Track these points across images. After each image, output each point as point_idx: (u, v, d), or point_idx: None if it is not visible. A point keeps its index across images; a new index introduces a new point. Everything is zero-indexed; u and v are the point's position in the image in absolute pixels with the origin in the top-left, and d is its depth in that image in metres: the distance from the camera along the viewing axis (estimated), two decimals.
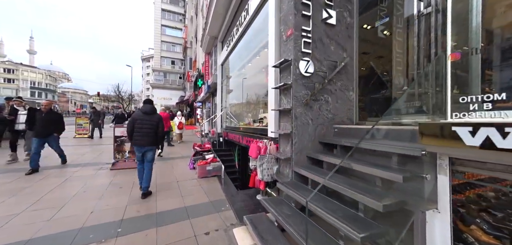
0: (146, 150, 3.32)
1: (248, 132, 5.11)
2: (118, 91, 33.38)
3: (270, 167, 3.13)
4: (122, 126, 4.96)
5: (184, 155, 6.66)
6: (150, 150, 3.36)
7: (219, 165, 4.61)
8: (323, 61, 3.01)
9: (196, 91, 18.18)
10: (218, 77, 9.34)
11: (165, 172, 4.76)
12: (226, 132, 7.35)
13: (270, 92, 3.52)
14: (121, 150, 4.88)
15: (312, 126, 2.92)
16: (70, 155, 5.99)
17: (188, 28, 23.71)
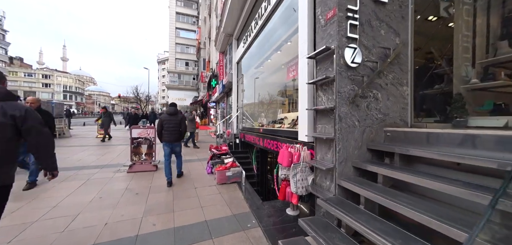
0: (174, 146, 4.08)
1: (270, 135, 4.65)
2: (136, 92, 34.76)
3: (304, 177, 2.63)
4: (139, 127, 4.75)
5: (201, 158, 6.38)
6: (177, 145, 4.15)
7: (239, 170, 4.20)
8: (371, 49, 2.45)
9: (209, 91, 18.14)
10: (233, 76, 9.00)
11: (182, 177, 4.46)
12: (243, 133, 6.96)
13: (301, 88, 3.02)
14: (138, 152, 4.67)
15: (359, 129, 2.38)
16: (91, 156, 6.00)
17: (202, 30, 23.87)
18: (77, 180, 3.94)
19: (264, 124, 6.41)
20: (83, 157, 5.85)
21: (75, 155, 6.09)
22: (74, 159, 5.58)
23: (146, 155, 4.73)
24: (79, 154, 6.18)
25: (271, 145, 4.45)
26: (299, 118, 3.18)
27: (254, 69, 7.60)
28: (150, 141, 4.76)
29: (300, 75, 3.08)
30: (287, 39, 5.14)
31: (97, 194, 3.30)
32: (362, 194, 1.98)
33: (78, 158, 5.66)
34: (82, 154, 6.19)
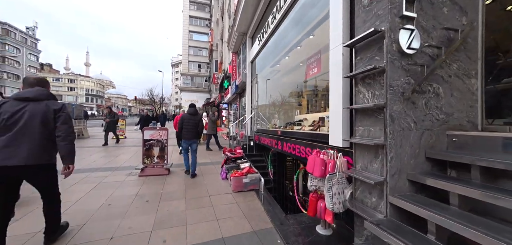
0: (191, 142, 4.41)
1: (290, 138, 4.21)
2: (151, 94, 35.97)
3: (340, 190, 2.17)
4: (151, 129, 4.55)
5: (214, 161, 6.08)
6: (194, 143, 4.45)
7: (257, 177, 3.81)
8: (431, 31, 1.94)
9: (222, 92, 18.05)
10: (247, 75, 8.67)
11: (196, 182, 4.16)
12: (258, 135, 6.57)
13: (334, 83, 2.56)
14: (150, 154, 4.46)
15: (416, 133, 1.87)
16: (105, 157, 5.96)
17: (214, 32, 24.02)
18: (89, 183, 3.78)
19: (281, 126, 5.98)
20: (97, 158, 5.81)
21: (91, 156, 6.09)
22: (89, 160, 5.54)
23: (158, 157, 4.51)
24: (94, 155, 6.18)
25: (292, 149, 4.00)
26: (330, 119, 2.71)
27: (270, 67, 7.21)
28: (162, 144, 4.54)
29: (332, 68, 2.63)
30: (309, 32, 4.69)
31: (106, 201, 3.08)
32: (432, 220, 1.48)
33: (93, 159, 5.62)
34: (97, 155, 6.18)
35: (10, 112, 1.68)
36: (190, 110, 4.54)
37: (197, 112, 4.58)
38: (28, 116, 1.72)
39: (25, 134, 1.69)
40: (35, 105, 1.77)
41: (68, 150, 1.88)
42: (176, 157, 6.37)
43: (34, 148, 1.71)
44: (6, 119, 1.66)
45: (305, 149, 3.49)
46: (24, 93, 1.80)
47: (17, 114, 1.70)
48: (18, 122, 1.69)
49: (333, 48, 2.61)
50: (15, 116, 1.69)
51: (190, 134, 4.36)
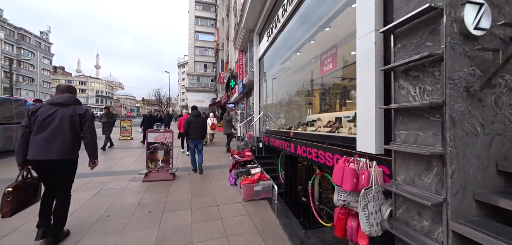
0: (197, 143, 4.69)
1: (305, 140, 3.81)
2: (158, 95, 36.39)
3: (377, 208, 1.77)
4: (155, 131, 4.29)
5: (222, 164, 5.77)
6: (200, 143, 4.75)
7: (270, 185, 3.44)
8: (503, 7, 1.51)
9: (228, 92, 17.80)
10: (254, 74, 8.32)
11: (202, 188, 3.86)
12: (268, 136, 6.20)
13: (364, 78, 2.16)
14: (154, 158, 4.20)
15: (484, 139, 1.45)
16: (110, 160, 5.79)
17: (220, 31, 23.84)
18: (90, 190, 3.55)
19: (292, 126, 5.59)
20: (101, 160, 5.63)
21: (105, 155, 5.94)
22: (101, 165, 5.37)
23: (163, 161, 4.24)
24: (98, 158, 6.02)
25: (307, 153, 3.61)
26: (358, 120, 2.31)
27: (279, 65, 6.82)
28: (167, 147, 4.26)
29: (361, 61, 2.22)
30: (325, 24, 4.27)
31: (105, 211, 2.82)
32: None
33: (103, 166, 5.44)
34: (101, 158, 6.01)
35: (45, 115, 2.00)
36: (194, 113, 4.87)
37: (200, 114, 4.94)
38: (59, 118, 2.03)
39: (56, 133, 2.00)
40: (64, 109, 2.07)
41: (93, 149, 2.29)
42: (181, 160, 6.11)
43: (64, 145, 2.02)
44: (41, 120, 1.98)
45: (324, 154, 3.09)
46: (56, 98, 2.11)
47: (51, 117, 2.01)
48: (51, 124, 2.00)
49: (361, 37, 2.21)
50: (49, 118, 2.00)
51: (197, 135, 4.68)
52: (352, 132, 3.25)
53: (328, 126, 4.52)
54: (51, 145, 1.95)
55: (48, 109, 2.02)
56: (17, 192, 1.92)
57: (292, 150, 4.38)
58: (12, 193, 1.88)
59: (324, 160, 3.10)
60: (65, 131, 2.03)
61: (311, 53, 5.34)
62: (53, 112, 2.02)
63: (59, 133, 1.99)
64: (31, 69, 37.81)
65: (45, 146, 1.93)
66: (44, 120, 1.97)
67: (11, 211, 1.88)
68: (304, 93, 6.98)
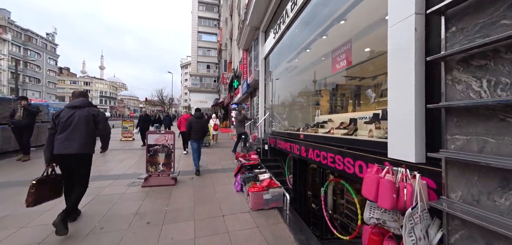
0: (199, 142, 4.79)
1: (317, 143, 3.47)
2: (161, 96, 36.41)
3: (424, 232, 1.42)
4: (156, 133, 4.00)
5: (226, 167, 5.46)
6: (200, 142, 4.85)
7: (280, 192, 3.11)
8: None
9: (231, 92, 17.55)
10: (260, 73, 8.01)
11: (206, 194, 3.55)
12: (274, 138, 5.87)
13: (397, 71, 1.82)
14: (155, 162, 3.91)
15: None
16: (109, 162, 5.53)
17: (223, 31, 23.66)
18: (86, 195, 3.25)
19: (301, 128, 5.25)
20: (101, 163, 5.39)
21: (95, 160, 5.69)
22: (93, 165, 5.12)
23: (164, 165, 3.95)
24: (98, 159, 5.78)
25: (321, 158, 3.27)
26: (389, 121, 1.97)
27: (286, 63, 6.50)
28: (169, 149, 3.97)
29: (394, 51, 1.88)
30: (340, 16, 3.94)
31: (99, 223, 2.53)
32: None
33: (96, 164, 5.19)
34: (102, 160, 5.78)
35: (66, 117, 2.33)
36: (197, 114, 4.97)
37: (202, 116, 5.07)
38: (77, 119, 2.35)
39: (75, 132, 2.31)
40: (81, 111, 2.40)
41: (106, 142, 2.80)
42: (183, 163, 5.83)
43: (81, 142, 2.33)
44: (63, 121, 2.30)
45: (342, 159, 2.75)
46: (73, 102, 2.46)
47: (70, 118, 2.33)
48: (71, 124, 2.32)
49: (396, 24, 1.87)
50: (69, 119, 2.32)
51: (198, 135, 4.80)
52: (373, 135, 2.91)
53: (341, 127, 4.18)
54: (72, 142, 2.30)
55: (67, 112, 2.37)
56: (40, 186, 2.21)
57: (302, 153, 4.04)
58: (35, 186, 2.18)
59: (342, 166, 2.75)
60: (82, 130, 2.37)
61: (322, 49, 5.01)
62: (72, 114, 2.37)
63: (77, 131, 2.33)
64: (37, 70, 38.27)
65: (66, 142, 2.28)
66: (65, 121, 2.32)
67: (33, 202, 2.18)
68: (312, 93, 6.65)
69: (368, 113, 3.79)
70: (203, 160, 6.29)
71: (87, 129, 2.39)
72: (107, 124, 2.62)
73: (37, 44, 38.45)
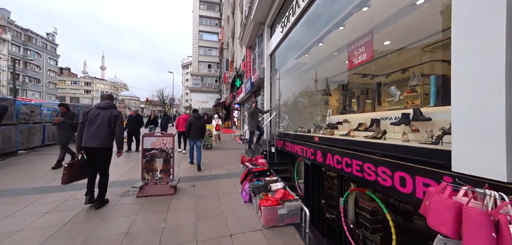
0: (196, 141, 5.15)
1: (339, 148, 3.00)
2: (161, 95, 36.01)
3: None
4: (153, 136, 3.54)
5: (230, 172, 4.99)
6: (198, 141, 5.20)
7: (297, 206, 2.64)
8: None
9: (233, 92, 17.09)
10: (265, 71, 7.55)
11: (210, 206, 3.09)
12: (282, 140, 5.40)
13: (471, 57, 1.35)
14: (151, 168, 3.46)
15: None
16: None
17: (224, 29, 23.23)
18: (68, 209, 2.83)
19: (311, 129, 4.78)
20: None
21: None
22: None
23: (162, 172, 3.49)
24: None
25: (345, 165, 2.80)
26: (453, 124, 1.49)
27: (295, 59, 6.04)
28: (167, 154, 3.52)
29: (463, 30, 1.41)
30: (361, 3, 3.47)
31: None
32: None
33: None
34: None
35: (93, 115, 2.81)
36: (195, 115, 5.31)
37: (200, 117, 5.42)
38: (101, 118, 2.81)
39: (99, 129, 2.77)
40: (105, 111, 2.86)
41: (120, 141, 3.00)
42: (184, 167, 5.37)
43: (103, 137, 2.79)
44: (91, 119, 2.79)
45: (375, 169, 2.28)
46: (100, 104, 2.96)
47: (96, 117, 2.80)
48: (96, 121, 2.79)
49: None
50: (95, 118, 2.80)
51: (197, 134, 5.12)
52: (408, 138, 2.44)
53: (360, 129, 3.72)
54: (95, 137, 2.72)
55: (95, 111, 2.81)
56: (71, 168, 2.73)
57: (318, 158, 3.57)
58: (67, 168, 2.70)
59: (374, 176, 2.28)
60: (105, 127, 2.78)
61: (337, 43, 4.54)
62: (98, 114, 2.79)
63: (100, 129, 2.74)
64: (37, 70, 38.00)
65: (91, 137, 2.71)
66: (92, 119, 2.75)
67: (67, 180, 2.69)
68: (322, 91, 6.18)
69: (392, 112, 3.33)
70: (205, 163, 5.84)
71: (108, 128, 2.81)
72: (121, 127, 2.93)
73: (37, 44, 38.20)
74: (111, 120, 2.83)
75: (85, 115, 2.81)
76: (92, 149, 2.75)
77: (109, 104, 2.94)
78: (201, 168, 5.08)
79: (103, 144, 2.77)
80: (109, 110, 2.87)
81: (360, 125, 3.82)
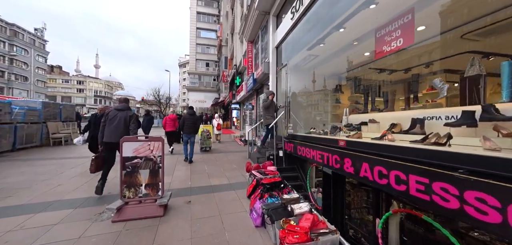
0: (190, 136, 5.59)
1: (377, 156, 2.25)
2: (157, 94, 34.80)
3: None
4: (135, 140, 2.72)
5: (233, 182, 4.20)
6: (192, 136, 5.66)
7: (335, 241, 1.87)
8: None
9: (233, 91, 16.27)
10: (270, 65, 6.79)
11: (210, 233, 2.30)
12: (293, 143, 4.65)
13: None
14: (134, 182, 2.64)
15: None
16: (78, 179, 4.14)
17: (223, 26, 22.38)
18: (13, 242, 1.99)
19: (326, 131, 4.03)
20: (65, 180, 4.05)
21: (60, 175, 4.38)
22: (52, 184, 3.82)
23: (148, 187, 2.68)
24: (64, 173, 4.47)
25: (395, 181, 2.05)
26: None
27: (306, 51, 5.29)
28: (155, 164, 2.70)
29: None
30: None
31: None
32: None
33: (58, 182, 3.90)
34: (68, 174, 4.47)
35: (112, 116, 3.36)
36: (189, 112, 5.76)
37: (194, 113, 5.82)
38: (119, 118, 3.36)
39: (118, 127, 3.32)
40: (122, 113, 3.41)
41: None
42: (178, 176, 4.56)
43: (120, 134, 3.19)
44: (111, 119, 3.34)
45: (459, 193, 1.53)
46: (118, 106, 3.52)
47: (115, 117, 3.36)
48: (115, 121, 3.34)
49: None
50: (114, 118, 3.35)
51: (190, 129, 5.48)
52: (495, 147, 1.71)
53: (395, 131, 3.01)
54: (114, 134, 3.27)
55: (114, 113, 3.40)
56: (96, 160, 3.38)
57: (347, 168, 2.82)
58: (94, 159, 3.36)
59: (458, 204, 1.53)
60: (121, 126, 3.34)
61: (362, 28, 3.81)
62: (116, 115, 3.37)
63: (118, 127, 3.32)
64: (24, 68, 36.26)
65: (111, 134, 3.30)
66: (111, 119, 3.35)
67: (95, 170, 3.38)
68: (344, 86, 5.47)
69: (448, 110, 2.63)
70: (204, 170, 5.05)
71: (124, 126, 3.32)
72: (135, 126, 3.36)
73: (24, 39, 36.40)
74: (126, 120, 3.35)
75: (106, 115, 3.37)
76: (112, 143, 3.24)
77: (125, 107, 3.50)
78: (192, 161, 5.52)
79: (119, 140, 3.26)
80: (125, 111, 3.42)
81: (394, 126, 3.10)
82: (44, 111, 7.33)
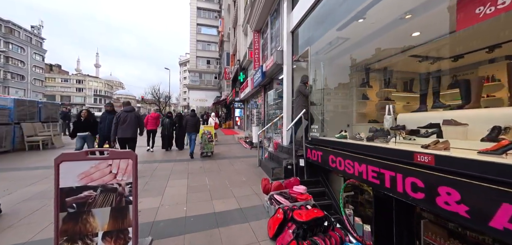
0: (191, 134, 6.49)
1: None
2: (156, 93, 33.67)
3: None
4: (85, 157, 1.58)
5: (244, 205, 3.05)
6: (194, 134, 6.51)
7: None
8: None
9: (236, 88, 15.12)
10: (284, 54, 5.64)
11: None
12: (321, 152, 3.49)
13: None
14: (81, 231, 1.51)
15: None
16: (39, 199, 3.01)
17: (225, 20, 21.22)
18: None
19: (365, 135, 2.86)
20: (20, 197, 2.94)
21: (21, 189, 3.27)
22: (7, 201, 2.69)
23: (108, 236, 1.54)
24: (30, 188, 3.36)
25: None
26: None
27: (336, 31, 4.12)
28: (121, 196, 1.56)
29: None
30: None
31: None
32: None
33: (15, 198, 2.78)
34: (34, 189, 3.37)
35: (124, 116, 4.52)
36: (191, 113, 6.82)
37: (195, 115, 6.79)
38: (129, 118, 4.55)
39: (129, 125, 4.53)
40: (131, 113, 4.62)
41: (142, 131, 5.13)
42: (170, 195, 3.44)
43: (132, 130, 4.57)
44: (123, 119, 4.50)
45: None
46: (127, 108, 4.71)
47: (126, 117, 4.53)
48: (126, 120, 4.51)
49: None
50: (125, 117, 4.52)
51: (192, 129, 6.46)
52: None
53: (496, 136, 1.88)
54: (127, 130, 4.49)
55: (124, 114, 4.56)
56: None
57: (446, 204, 1.67)
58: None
59: None
60: (132, 124, 4.56)
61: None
62: (127, 115, 4.55)
63: (130, 125, 4.53)
64: (20, 66, 35.33)
65: (124, 131, 4.47)
66: (124, 118, 4.49)
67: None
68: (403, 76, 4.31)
69: None
70: (205, 184, 3.92)
71: (135, 124, 4.64)
72: (142, 122, 4.90)
73: (20, 37, 35.44)
74: (134, 119, 4.64)
75: (118, 116, 4.52)
76: (125, 138, 4.53)
77: (132, 109, 4.78)
78: (193, 157, 6.19)
79: (133, 135, 4.64)
80: (133, 112, 4.71)
81: (503, 130, 1.96)
82: (17, 110, 6.23)
